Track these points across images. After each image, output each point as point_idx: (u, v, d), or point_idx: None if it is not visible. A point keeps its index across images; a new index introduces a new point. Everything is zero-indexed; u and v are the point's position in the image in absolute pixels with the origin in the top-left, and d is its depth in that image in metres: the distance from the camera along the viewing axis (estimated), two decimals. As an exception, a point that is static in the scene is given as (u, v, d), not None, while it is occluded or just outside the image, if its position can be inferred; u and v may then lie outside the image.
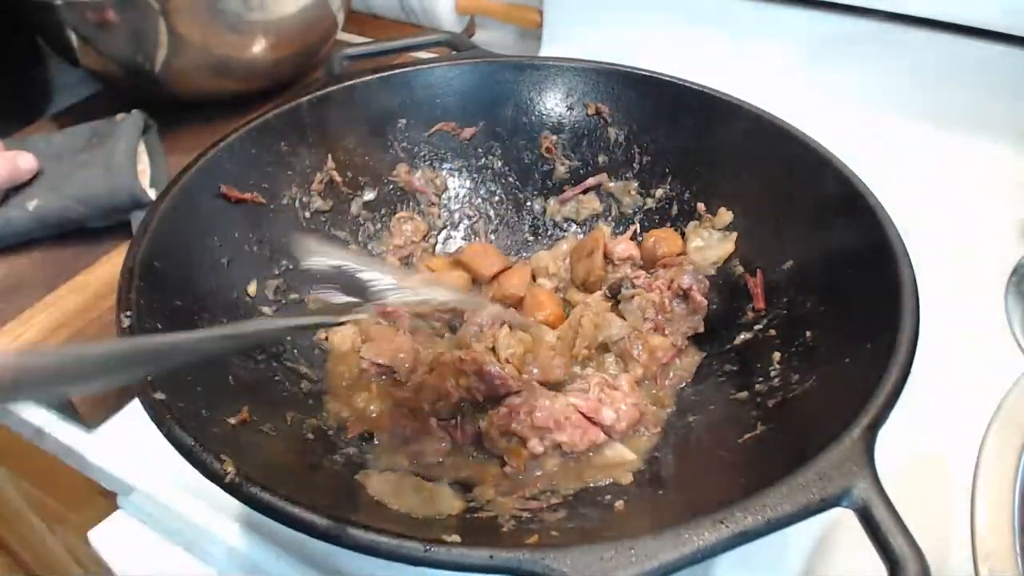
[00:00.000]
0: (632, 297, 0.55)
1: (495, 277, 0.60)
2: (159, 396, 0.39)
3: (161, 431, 0.37)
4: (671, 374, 0.53)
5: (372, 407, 0.50)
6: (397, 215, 0.64)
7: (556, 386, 0.50)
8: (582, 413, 0.47)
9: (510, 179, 0.66)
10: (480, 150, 0.65)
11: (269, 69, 0.77)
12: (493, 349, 0.52)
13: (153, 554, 0.51)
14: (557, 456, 0.47)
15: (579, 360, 0.53)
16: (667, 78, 0.61)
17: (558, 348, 0.53)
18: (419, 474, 0.45)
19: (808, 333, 0.48)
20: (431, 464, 0.47)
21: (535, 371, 0.51)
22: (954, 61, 0.72)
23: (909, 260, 0.44)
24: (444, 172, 0.65)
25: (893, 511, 0.32)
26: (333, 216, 0.61)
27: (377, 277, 0.39)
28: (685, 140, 0.60)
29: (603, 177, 0.64)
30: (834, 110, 0.75)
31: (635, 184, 0.63)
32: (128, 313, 0.43)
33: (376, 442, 0.48)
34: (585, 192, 0.64)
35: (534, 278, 0.61)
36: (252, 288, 0.54)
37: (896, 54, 0.74)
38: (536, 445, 0.46)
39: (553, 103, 0.64)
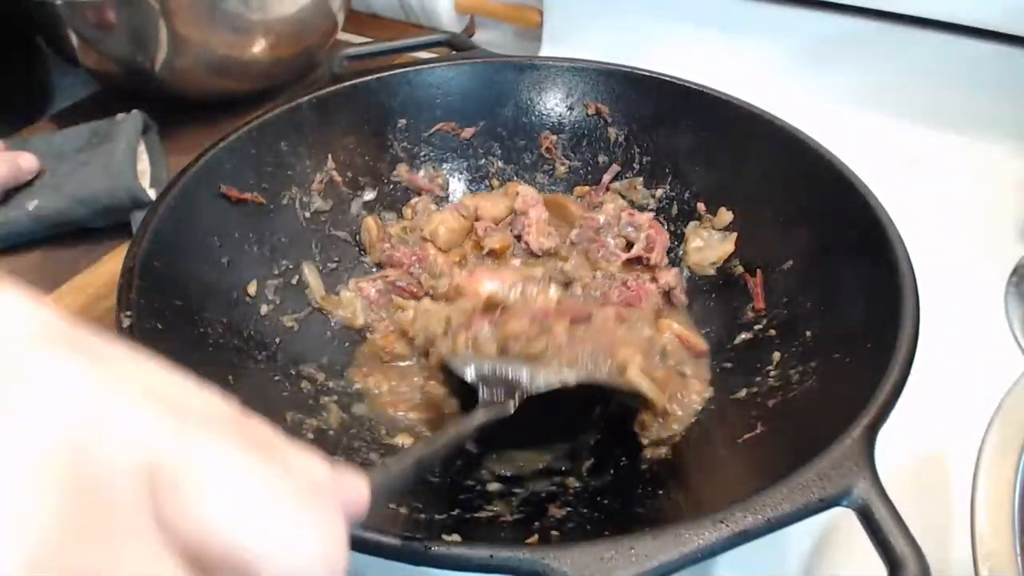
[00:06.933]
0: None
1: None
2: (159, 396, 0.38)
3: (161, 431, 0.37)
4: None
5: None
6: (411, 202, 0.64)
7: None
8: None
9: (511, 179, 0.66)
10: (480, 150, 0.65)
11: (269, 69, 0.77)
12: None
13: (153, 554, 0.51)
14: None
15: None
16: (667, 78, 0.61)
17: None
18: None
19: (808, 333, 0.48)
20: None
21: None
22: (954, 61, 0.72)
23: (909, 260, 0.44)
24: (444, 172, 0.65)
25: (893, 511, 0.32)
26: (333, 216, 0.61)
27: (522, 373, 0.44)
28: (685, 140, 0.61)
29: (616, 168, 0.64)
30: (834, 110, 0.75)
31: (639, 180, 0.63)
32: (128, 313, 0.43)
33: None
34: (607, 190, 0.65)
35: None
36: (252, 288, 0.54)
37: (896, 54, 0.74)
38: None
39: (553, 103, 0.64)
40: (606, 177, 0.64)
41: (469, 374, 0.44)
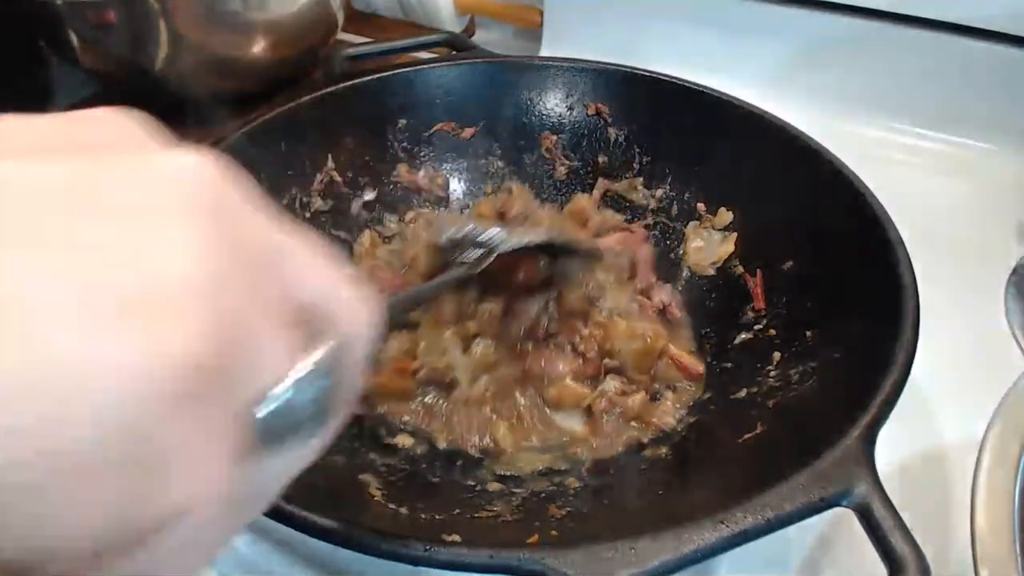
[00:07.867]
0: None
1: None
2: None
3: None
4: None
5: None
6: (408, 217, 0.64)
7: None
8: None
9: (510, 180, 0.66)
10: (480, 150, 0.65)
11: (269, 69, 0.77)
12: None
13: (153, 554, 0.51)
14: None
15: None
16: (667, 78, 0.61)
17: None
18: None
19: (808, 333, 0.48)
20: None
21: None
22: (954, 61, 0.72)
23: (909, 260, 0.44)
24: (444, 172, 0.65)
25: (893, 511, 0.32)
26: (333, 216, 0.61)
27: (495, 232, 0.49)
28: (685, 140, 0.61)
29: (605, 183, 0.64)
30: (834, 110, 0.75)
31: (639, 180, 0.63)
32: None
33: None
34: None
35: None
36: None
37: (896, 54, 0.74)
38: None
39: (553, 103, 0.64)
40: (596, 194, 0.64)
41: (442, 237, 0.49)
